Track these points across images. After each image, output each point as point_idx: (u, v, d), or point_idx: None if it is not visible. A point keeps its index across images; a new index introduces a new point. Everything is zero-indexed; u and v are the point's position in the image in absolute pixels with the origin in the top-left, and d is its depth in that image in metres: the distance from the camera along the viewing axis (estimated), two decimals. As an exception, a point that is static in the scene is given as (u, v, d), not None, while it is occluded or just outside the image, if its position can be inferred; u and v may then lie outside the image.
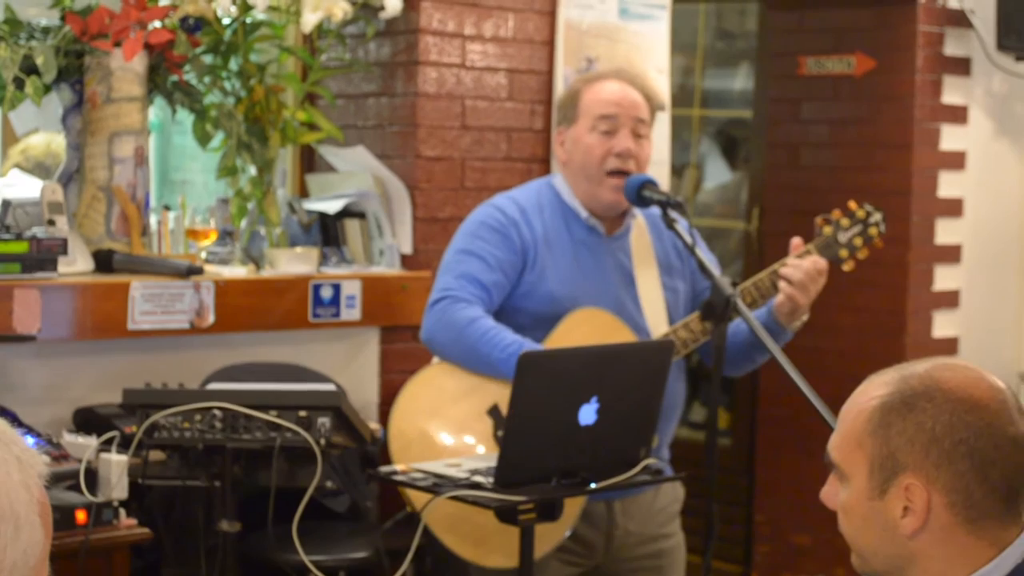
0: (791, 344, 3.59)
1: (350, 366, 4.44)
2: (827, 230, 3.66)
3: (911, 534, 1.93)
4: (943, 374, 1.95)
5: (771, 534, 5.66)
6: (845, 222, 3.68)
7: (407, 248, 4.49)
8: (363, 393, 4.44)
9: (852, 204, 3.72)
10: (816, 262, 3.51)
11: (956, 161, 5.42)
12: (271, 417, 3.24)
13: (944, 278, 5.43)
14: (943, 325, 5.44)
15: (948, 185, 5.41)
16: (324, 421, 3.25)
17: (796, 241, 3.61)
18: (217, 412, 3.25)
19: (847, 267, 3.68)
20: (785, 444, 5.55)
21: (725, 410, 5.99)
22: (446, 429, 3.46)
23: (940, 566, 1.94)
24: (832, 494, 2.03)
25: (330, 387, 3.60)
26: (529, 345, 3.40)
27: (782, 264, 3.55)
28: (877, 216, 3.71)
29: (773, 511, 5.65)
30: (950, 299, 5.45)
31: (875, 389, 1.98)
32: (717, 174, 6.47)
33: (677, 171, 6.40)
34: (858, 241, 3.67)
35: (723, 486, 5.78)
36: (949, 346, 5.41)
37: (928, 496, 1.91)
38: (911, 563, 1.95)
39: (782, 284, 3.50)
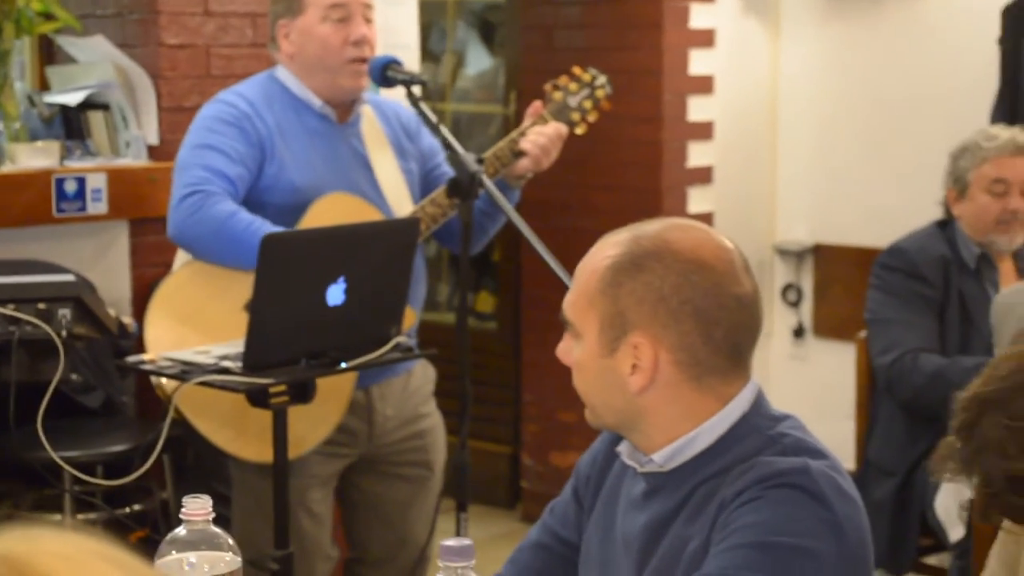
0: (548, 226, 3.63)
1: (100, 261, 4.34)
2: (557, 96, 3.74)
3: (638, 391, 1.97)
4: (673, 235, 1.99)
5: (539, 414, 5.74)
6: (573, 87, 3.76)
7: (153, 139, 4.40)
8: (115, 288, 4.35)
9: (577, 69, 3.80)
10: (558, 128, 3.64)
11: (706, 39, 5.50)
12: (8, 311, 3.16)
13: (697, 155, 5.52)
14: (698, 201, 5.54)
15: (698, 63, 5.48)
16: (65, 312, 3.19)
17: (536, 104, 3.71)
18: (-49, 308, 3.16)
19: (580, 130, 3.77)
20: (551, 325, 5.53)
21: (490, 294, 6.03)
22: (205, 332, 3.38)
23: (667, 421, 1.99)
24: (567, 351, 2.08)
25: (69, 277, 3.51)
26: None
27: (520, 133, 3.64)
28: (602, 79, 3.81)
29: (540, 391, 5.72)
30: (703, 175, 5.55)
31: (608, 249, 2.01)
32: (478, 60, 6.46)
33: (435, 58, 6.38)
34: (587, 104, 3.77)
35: (491, 369, 5.85)
36: (704, 221, 5.45)
37: (655, 354, 1.95)
38: (640, 417, 2.00)
39: (528, 148, 3.58)
